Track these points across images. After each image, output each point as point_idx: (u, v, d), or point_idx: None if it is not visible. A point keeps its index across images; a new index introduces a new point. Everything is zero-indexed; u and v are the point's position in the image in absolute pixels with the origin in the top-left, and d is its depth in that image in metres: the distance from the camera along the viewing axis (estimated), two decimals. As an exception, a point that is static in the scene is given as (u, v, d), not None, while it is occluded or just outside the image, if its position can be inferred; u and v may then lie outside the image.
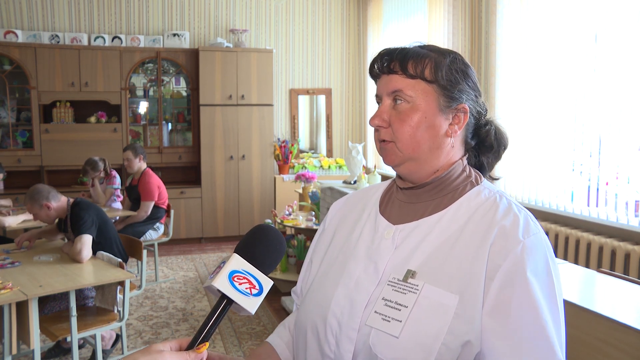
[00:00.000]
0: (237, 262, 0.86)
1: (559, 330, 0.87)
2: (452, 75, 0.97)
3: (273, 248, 0.91)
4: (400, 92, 0.96)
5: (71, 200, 3.27)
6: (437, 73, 0.96)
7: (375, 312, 0.91)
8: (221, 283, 0.83)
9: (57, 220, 3.42)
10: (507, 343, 0.84)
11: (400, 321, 0.87)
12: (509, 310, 0.85)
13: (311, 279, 1.10)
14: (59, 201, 3.22)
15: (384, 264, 0.96)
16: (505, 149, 1.07)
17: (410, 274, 0.92)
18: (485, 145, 1.05)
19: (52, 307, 3.02)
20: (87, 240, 3.04)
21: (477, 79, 1.03)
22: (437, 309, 0.87)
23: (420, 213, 0.99)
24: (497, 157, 1.07)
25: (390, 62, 0.98)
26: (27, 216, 4.52)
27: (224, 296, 0.83)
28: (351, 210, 1.13)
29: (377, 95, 1.02)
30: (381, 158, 1.03)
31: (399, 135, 0.96)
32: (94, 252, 3.14)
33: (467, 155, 1.03)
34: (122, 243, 3.45)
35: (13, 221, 4.31)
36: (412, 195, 1.02)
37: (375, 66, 1.01)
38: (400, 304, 0.89)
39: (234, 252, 0.88)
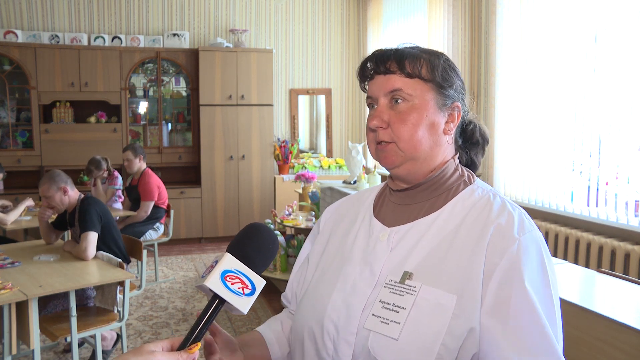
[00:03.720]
0: (230, 262, 0.85)
1: (556, 326, 0.87)
2: (447, 74, 0.98)
3: (265, 247, 0.90)
4: (400, 92, 0.95)
5: (82, 195, 3.29)
6: (433, 72, 0.96)
7: (373, 314, 0.90)
8: (213, 283, 0.82)
9: (54, 217, 3.42)
10: (510, 342, 0.84)
11: (399, 323, 0.87)
12: (508, 308, 0.85)
13: (306, 284, 1.09)
14: (73, 190, 3.26)
15: (380, 266, 0.95)
16: (487, 143, 1.10)
17: (407, 275, 0.91)
18: (472, 142, 1.08)
19: (55, 307, 3.01)
20: (92, 238, 3.07)
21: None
22: (436, 310, 0.86)
23: (414, 214, 0.99)
24: (483, 152, 1.11)
25: (387, 62, 0.97)
26: (28, 202, 4.51)
27: (216, 296, 0.83)
28: (345, 214, 1.12)
29: (369, 97, 1.00)
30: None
31: (400, 135, 0.95)
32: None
33: (458, 155, 1.04)
34: (124, 244, 3.44)
35: (14, 216, 4.30)
36: (405, 197, 1.01)
37: (369, 66, 1.00)
38: (398, 306, 0.89)
39: (227, 251, 0.87)
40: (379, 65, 0.98)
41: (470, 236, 0.91)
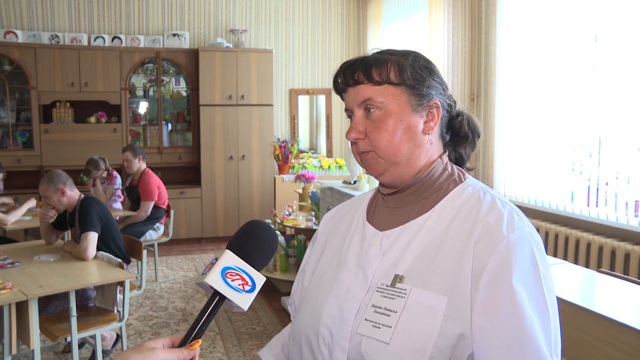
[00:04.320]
0: (230, 259, 0.85)
1: (549, 324, 0.86)
2: (417, 73, 0.96)
3: (265, 244, 0.90)
4: (371, 100, 0.96)
5: (82, 195, 3.29)
6: (402, 74, 0.96)
7: (366, 319, 0.90)
8: (214, 280, 0.82)
9: (54, 217, 3.42)
10: (497, 342, 0.84)
11: (390, 327, 0.87)
12: (498, 309, 0.84)
13: (303, 291, 1.10)
14: (73, 191, 3.25)
15: (373, 270, 0.95)
16: (479, 137, 1.07)
17: (397, 278, 0.91)
18: (460, 136, 1.05)
19: (56, 307, 3.01)
20: (92, 238, 3.07)
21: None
22: (427, 312, 0.86)
23: (406, 217, 0.98)
24: (473, 146, 1.08)
25: (354, 73, 0.97)
26: (31, 203, 4.52)
27: (216, 293, 0.83)
28: (341, 220, 1.13)
29: (347, 110, 1.01)
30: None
31: (378, 144, 0.95)
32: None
33: (446, 153, 1.03)
34: (124, 244, 3.44)
35: (15, 216, 4.30)
36: (396, 200, 1.01)
37: (339, 80, 1.00)
38: (389, 310, 0.89)
39: (227, 248, 0.88)
40: (347, 78, 0.98)
41: (459, 236, 0.90)
